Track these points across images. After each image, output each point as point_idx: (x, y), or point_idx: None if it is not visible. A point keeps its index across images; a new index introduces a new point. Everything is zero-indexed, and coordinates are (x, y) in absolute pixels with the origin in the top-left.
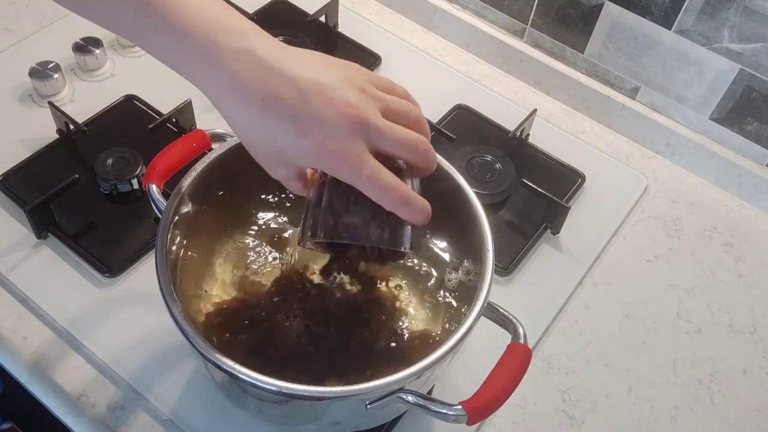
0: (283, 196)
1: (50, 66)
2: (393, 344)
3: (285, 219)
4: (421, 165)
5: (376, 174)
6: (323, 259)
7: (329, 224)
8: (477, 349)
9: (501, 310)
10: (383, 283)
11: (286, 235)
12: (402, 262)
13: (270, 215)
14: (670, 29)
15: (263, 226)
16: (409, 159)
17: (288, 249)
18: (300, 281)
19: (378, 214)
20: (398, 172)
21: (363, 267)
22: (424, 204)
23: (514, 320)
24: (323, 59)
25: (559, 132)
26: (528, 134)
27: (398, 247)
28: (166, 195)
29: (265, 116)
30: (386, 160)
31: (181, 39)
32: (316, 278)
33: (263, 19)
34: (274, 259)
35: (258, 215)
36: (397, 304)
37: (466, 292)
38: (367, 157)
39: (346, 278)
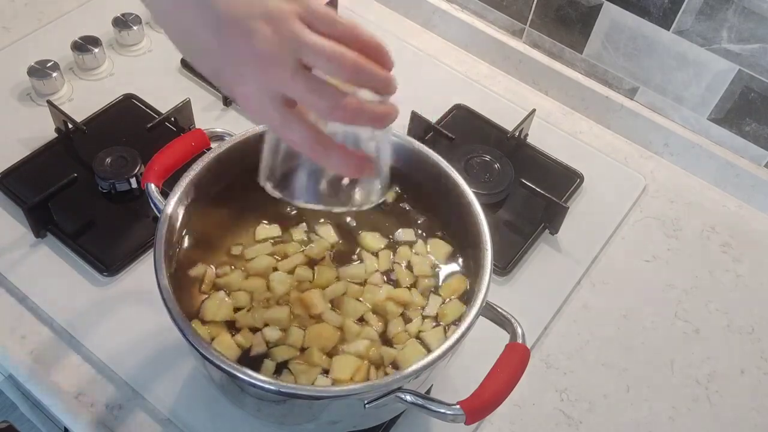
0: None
1: (49, 65)
2: (394, 346)
3: (284, 217)
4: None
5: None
6: (323, 257)
7: (308, 187)
8: (475, 349)
9: (499, 310)
10: (385, 284)
11: (285, 232)
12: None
13: (268, 214)
14: (668, 30)
15: (262, 225)
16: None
17: (287, 246)
18: (300, 278)
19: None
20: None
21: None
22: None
23: (513, 320)
24: None
25: (558, 132)
26: (527, 134)
27: (368, 204)
28: (164, 194)
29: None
30: None
31: None
32: (317, 275)
33: None
34: (273, 256)
35: (256, 214)
36: (396, 305)
37: (465, 292)
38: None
39: (347, 278)
